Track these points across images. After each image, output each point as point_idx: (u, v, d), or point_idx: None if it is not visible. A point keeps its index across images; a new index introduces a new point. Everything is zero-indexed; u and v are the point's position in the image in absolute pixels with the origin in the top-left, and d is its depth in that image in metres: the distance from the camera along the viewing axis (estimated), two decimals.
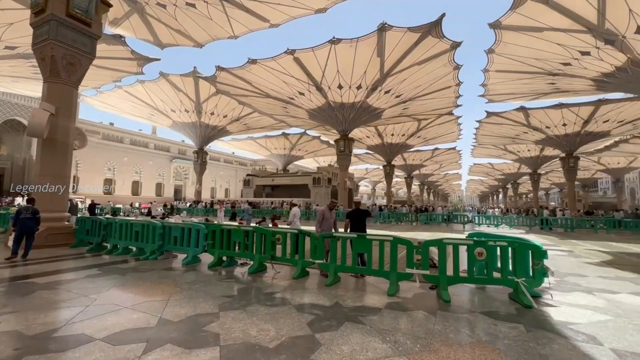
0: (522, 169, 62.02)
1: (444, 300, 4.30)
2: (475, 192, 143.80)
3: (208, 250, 6.69)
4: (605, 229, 18.57)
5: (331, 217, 6.13)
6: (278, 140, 45.76)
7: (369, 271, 5.06)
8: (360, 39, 20.00)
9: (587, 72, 21.60)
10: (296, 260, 5.72)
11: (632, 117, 31.05)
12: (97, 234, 8.26)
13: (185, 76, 27.11)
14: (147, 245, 7.25)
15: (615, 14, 16.88)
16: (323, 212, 6.06)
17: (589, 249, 10.60)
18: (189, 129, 35.26)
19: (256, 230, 6.16)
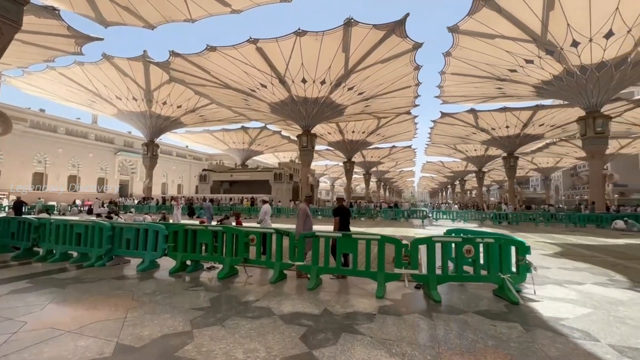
0: (469, 167, 66.84)
1: (435, 300, 4.14)
2: (426, 189, 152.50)
3: (169, 254, 5.89)
4: (544, 222, 20.52)
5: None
6: (237, 134, 43.90)
7: (355, 272, 4.76)
8: (326, 32, 19.67)
9: (529, 79, 23.61)
10: (273, 263, 5.23)
11: (562, 122, 34.82)
12: (26, 238, 6.92)
13: (133, 60, 24.57)
14: (93, 250, 6.21)
15: (556, 27, 18.56)
16: (306, 209, 5.61)
17: (538, 241, 11.47)
18: (137, 119, 32.22)
19: (227, 231, 5.54)
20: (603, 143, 22.86)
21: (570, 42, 19.26)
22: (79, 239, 6.48)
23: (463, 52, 22.11)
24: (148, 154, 33.76)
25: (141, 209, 28.22)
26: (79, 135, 43.65)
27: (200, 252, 5.74)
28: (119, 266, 6.22)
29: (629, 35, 18.09)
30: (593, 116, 22.53)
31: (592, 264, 7.07)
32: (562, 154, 52.99)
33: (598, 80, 21.02)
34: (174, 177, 61.47)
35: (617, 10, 16.85)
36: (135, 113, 31.35)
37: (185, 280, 5.26)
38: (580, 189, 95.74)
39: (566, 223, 19.50)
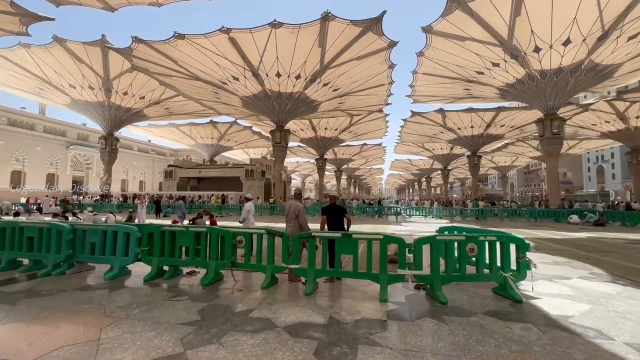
0: (435, 165, 69.55)
1: (441, 301, 3.98)
2: (394, 186, 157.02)
3: (142, 258, 5.24)
4: (508, 217, 21.73)
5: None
6: (205, 129, 41.95)
7: (356, 274, 4.47)
8: (302, 25, 19.19)
9: (495, 81, 24.79)
10: (264, 266, 4.80)
11: (520, 124, 37.18)
12: None
13: (90, 45, 22.39)
14: (49, 257, 5.37)
15: (521, 33, 19.57)
16: (301, 207, 5.20)
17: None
18: (94, 110, 29.57)
19: (211, 232, 5.01)
20: (559, 143, 24.65)
21: (533, 47, 20.43)
22: (30, 243, 5.59)
23: (435, 52, 22.68)
24: (106, 148, 31.17)
25: (99, 207, 26.01)
26: (24, 126, 39.33)
27: (179, 256, 5.15)
28: (81, 274, 5.44)
29: (584, 44, 19.52)
30: (550, 118, 24.17)
31: (567, 257, 7.39)
32: (519, 153, 56.72)
33: (555, 85, 22.53)
34: (135, 173, 57.67)
35: (575, 20, 18.09)
36: (92, 103, 28.74)
37: (164, 288, 4.67)
38: (532, 186, 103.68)
39: (527, 218, 20.77)
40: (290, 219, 5.18)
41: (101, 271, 5.58)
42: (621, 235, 12.68)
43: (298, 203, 5.29)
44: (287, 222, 5.27)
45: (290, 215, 5.21)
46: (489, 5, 18.01)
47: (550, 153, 24.74)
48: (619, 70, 22.05)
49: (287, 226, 5.23)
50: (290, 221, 5.19)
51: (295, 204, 5.24)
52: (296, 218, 5.12)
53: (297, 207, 5.17)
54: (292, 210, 5.19)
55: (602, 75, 22.06)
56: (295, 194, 5.56)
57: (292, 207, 5.22)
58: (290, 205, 5.31)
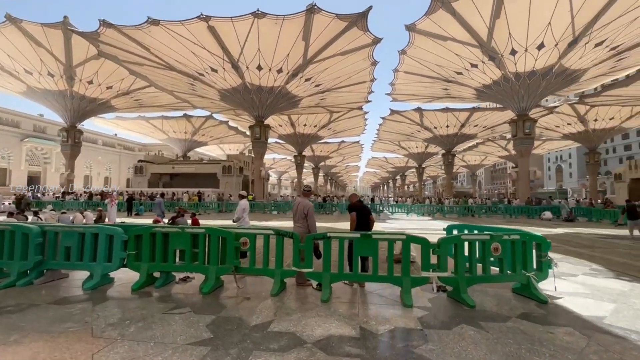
0: (409, 163, 71.20)
1: (469, 305, 3.75)
2: (369, 183, 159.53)
3: (129, 264, 4.60)
4: (485, 213, 22.47)
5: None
6: (178, 123, 39.95)
7: (376, 278, 4.13)
8: (287, 17, 18.55)
9: (472, 82, 25.50)
10: (272, 271, 4.34)
11: (492, 124, 38.77)
12: None
13: (50, 27, 20.33)
14: (13, 264, 4.57)
15: (499, 35, 20.16)
16: (311, 206, 4.75)
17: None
18: (54, 100, 27.06)
19: (211, 233, 4.46)
20: (530, 143, 25.87)
21: (510, 50, 21.16)
22: None
23: (417, 51, 22.90)
24: (68, 142, 28.71)
25: (61, 205, 23.86)
26: None
27: (173, 261, 4.56)
28: (53, 284, 4.68)
29: (556, 49, 20.48)
30: (523, 119, 25.27)
31: (561, 253, 7.53)
32: (488, 152, 59.31)
33: (528, 87, 23.54)
34: (99, 168, 54.03)
35: (550, 25, 18.90)
36: (52, 92, 26.28)
37: (158, 298, 4.08)
38: (497, 184, 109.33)
39: (503, 214, 21.59)
40: (299, 219, 4.73)
41: (77, 279, 4.86)
42: (593, 230, 13.38)
43: (307, 201, 4.85)
44: (295, 221, 4.82)
45: (298, 214, 4.76)
46: (471, 6, 18.36)
47: (522, 152, 25.90)
48: (585, 75, 23.40)
49: (296, 226, 4.78)
50: (298, 221, 4.75)
51: (304, 202, 4.79)
52: (305, 218, 4.68)
53: (307, 205, 4.72)
54: (301, 209, 4.75)
55: (570, 79, 23.31)
56: (304, 191, 5.07)
57: (301, 206, 4.76)
58: (298, 203, 4.86)
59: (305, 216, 4.69)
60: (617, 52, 20.99)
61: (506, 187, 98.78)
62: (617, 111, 33.73)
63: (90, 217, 12.15)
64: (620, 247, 8.74)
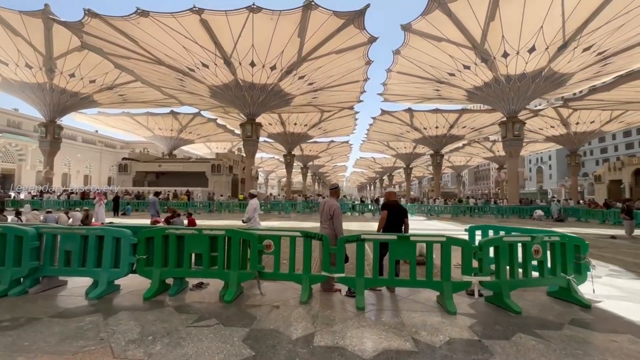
0: (397, 163, 71.79)
1: (515, 311, 3.55)
2: (355, 183, 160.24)
3: (139, 270, 4.16)
4: (478, 213, 22.76)
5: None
6: (165, 120, 38.67)
7: (414, 283, 3.87)
8: (283, 12, 18.14)
9: (464, 83, 25.80)
10: (299, 276, 4.02)
11: (479, 126, 39.51)
12: None
13: (29, 15, 19.13)
14: (4, 271, 4.05)
15: (493, 37, 20.42)
16: (338, 207, 4.40)
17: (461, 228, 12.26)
18: (32, 93, 25.55)
19: (232, 235, 4.08)
20: (519, 144, 26.45)
21: (502, 52, 21.49)
22: None
23: (411, 51, 22.93)
24: (47, 137, 27.22)
25: (38, 204, 22.51)
26: None
27: (189, 266, 4.15)
28: (49, 293, 4.18)
29: (546, 52, 20.95)
30: (512, 121, 25.77)
31: None
32: (473, 153, 60.49)
33: (518, 89, 24.01)
34: (79, 166, 51.71)
35: (542, 29, 19.29)
36: (29, 85, 24.81)
37: (176, 308, 3.68)
38: (481, 185, 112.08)
39: (495, 214, 21.92)
40: (326, 219, 4.41)
41: (77, 287, 4.38)
42: (588, 230, 13.67)
43: (334, 201, 4.53)
44: (322, 222, 4.50)
45: (325, 214, 4.44)
46: (467, 8, 18.49)
47: (511, 153, 26.42)
48: (572, 79, 24.08)
49: (322, 227, 4.47)
50: (325, 222, 4.43)
51: (331, 202, 4.46)
52: (331, 219, 4.36)
53: (333, 206, 4.40)
54: (327, 210, 4.42)
55: (558, 82, 23.94)
56: (331, 190, 4.73)
57: (327, 206, 4.44)
58: (324, 204, 4.54)
59: (331, 217, 4.38)
60: (603, 58, 21.68)
61: (489, 187, 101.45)
62: (598, 115, 35.00)
63: (77, 217, 11.39)
64: (624, 247, 8.87)
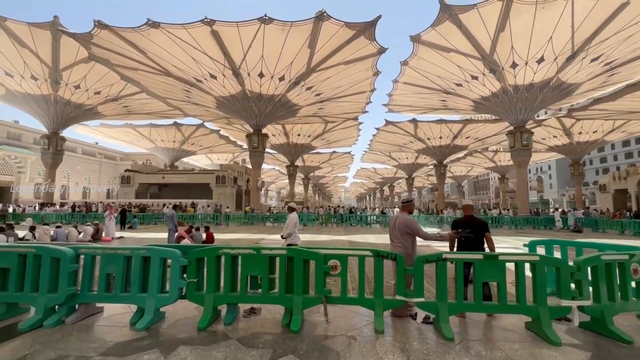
0: (398, 173, 71.64)
1: (626, 341, 3.14)
2: (354, 194, 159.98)
3: (189, 295, 3.72)
4: (492, 225, 22.33)
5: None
6: (167, 131, 38.39)
7: (504, 308, 3.46)
8: (294, 23, 18.11)
9: (471, 94, 25.83)
10: (371, 301, 3.59)
11: (483, 136, 39.55)
12: None
13: (38, 27, 18.95)
14: (38, 298, 3.59)
15: (502, 48, 20.49)
16: (414, 222, 4.01)
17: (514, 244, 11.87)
18: (36, 104, 25.21)
19: (294, 255, 3.67)
20: (527, 154, 26.31)
21: (511, 63, 21.55)
22: (3, 278, 3.74)
23: (419, 62, 22.98)
24: (50, 149, 26.73)
25: (39, 218, 21.84)
26: None
27: (245, 290, 3.72)
28: (88, 322, 3.71)
29: (554, 63, 21.03)
30: (520, 130, 25.71)
31: None
32: (475, 163, 60.52)
33: (526, 100, 24.02)
34: (78, 178, 51.03)
35: (551, 40, 19.39)
36: (34, 96, 24.49)
37: (242, 340, 3.23)
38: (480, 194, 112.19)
39: (509, 225, 21.55)
40: (397, 236, 4.01)
41: (114, 314, 3.91)
42: (611, 241, 13.31)
43: (407, 215, 4.14)
44: (393, 240, 4.10)
45: (397, 231, 4.05)
46: (478, 19, 18.58)
47: (520, 163, 26.26)
48: (579, 89, 24.19)
49: (393, 246, 4.07)
50: (397, 239, 4.03)
51: (403, 217, 4.07)
52: (406, 235, 3.96)
53: (406, 220, 4.02)
54: (401, 225, 4.02)
55: (565, 92, 24.01)
56: (404, 204, 4.35)
57: (400, 221, 4.05)
58: (396, 219, 4.15)
59: (406, 233, 3.98)
60: (610, 68, 21.82)
61: (489, 197, 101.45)
62: (601, 124, 35.19)
63: (88, 231, 10.91)
64: None
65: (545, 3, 17.28)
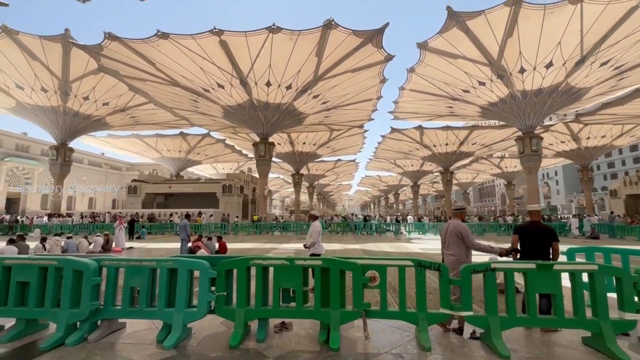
0: (403, 181, 71.28)
1: None
2: (359, 202, 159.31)
3: (218, 310, 3.50)
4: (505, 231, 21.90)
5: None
6: (174, 141, 38.54)
7: (562, 322, 3.19)
8: (302, 32, 18.21)
9: (479, 100, 25.68)
10: (414, 315, 3.34)
11: (489, 142, 39.28)
12: None
13: (49, 40, 19.21)
14: (59, 314, 3.38)
15: (510, 53, 20.40)
16: (466, 228, 3.82)
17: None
18: (45, 116, 25.42)
19: (331, 265, 3.45)
20: (537, 160, 25.95)
21: (519, 68, 21.44)
22: (21, 293, 3.55)
23: (426, 69, 22.95)
24: (58, 160, 26.84)
25: (46, 228, 21.75)
26: None
27: (277, 303, 3.49)
28: (111, 338, 3.49)
29: (563, 67, 20.89)
30: (529, 136, 25.44)
31: None
32: (480, 170, 60.04)
33: (535, 105, 23.82)
34: (84, 189, 51.15)
35: (560, 44, 19.29)
36: (43, 108, 24.71)
37: (277, 358, 2.99)
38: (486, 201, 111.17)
39: None
40: (450, 244, 3.81)
41: (138, 331, 3.69)
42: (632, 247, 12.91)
43: (460, 222, 3.96)
44: (445, 248, 3.91)
45: (449, 238, 3.88)
46: (485, 25, 18.56)
47: (530, 169, 25.92)
48: (588, 93, 23.98)
49: (446, 254, 3.86)
50: (449, 247, 3.83)
51: (456, 223, 3.88)
52: (458, 241, 3.76)
53: (459, 227, 3.81)
54: (453, 232, 3.85)
55: (574, 97, 23.80)
56: (457, 210, 4.19)
57: (452, 228, 3.87)
58: (448, 226, 3.95)
59: (458, 240, 3.77)
60: (620, 72, 21.63)
61: (495, 204, 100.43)
62: (609, 129, 34.84)
63: (99, 242, 10.74)
64: None
65: (554, 8, 17.25)
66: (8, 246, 8.13)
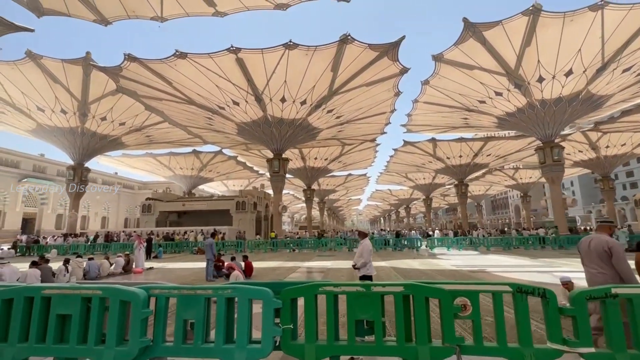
0: (414, 194, 70.22)
1: None
2: (368, 217, 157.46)
3: (284, 345, 3.03)
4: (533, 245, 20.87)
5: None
6: (186, 159, 38.80)
7: None
8: (318, 47, 18.27)
9: (495, 110, 25.26)
10: (519, 351, 2.82)
11: (505, 153, 38.49)
12: None
13: (71, 63, 19.67)
14: (105, 352, 2.96)
15: (528, 62, 20.10)
16: (617, 245, 3.28)
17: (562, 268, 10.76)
18: (63, 137, 25.83)
19: (414, 292, 2.98)
20: (560, 170, 25.14)
21: (537, 77, 21.08)
22: (61, 327, 3.15)
23: (441, 81, 22.76)
24: (75, 180, 27.05)
25: (63, 249, 21.58)
26: None
27: (353, 337, 3.01)
28: None
29: (584, 75, 20.46)
30: (550, 146, 24.77)
31: None
32: (494, 182, 58.81)
33: (554, 114, 23.28)
34: (97, 208, 51.65)
35: (580, 52, 18.95)
36: (62, 129, 25.13)
37: None
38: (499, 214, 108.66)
39: (552, 246, 20.13)
40: (592, 260, 3.33)
41: None
42: None
43: (608, 237, 3.42)
44: (587, 265, 3.45)
45: (594, 254, 3.37)
46: (502, 35, 18.40)
47: (553, 179, 25.10)
48: (609, 101, 23.39)
49: (589, 272, 3.39)
50: (591, 263, 3.35)
51: (601, 238, 3.38)
52: (606, 259, 3.27)
53: (609, 243, 3.30)
54: (598, 247, 3.33)
55: (595, 105, 23.22)
56: (603, 223, 3.64)
57: (596, 242, 3.37)
58: (590, 240, 3.46)
59: (605, 256, 3.28)
60: None
61: (509, 217, 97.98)
62: (629, 137, 33.89)
63: (120, 262, 10.40)
64: None
65: (574, 15, 17.02)
66: (31, 269, 7.82)
